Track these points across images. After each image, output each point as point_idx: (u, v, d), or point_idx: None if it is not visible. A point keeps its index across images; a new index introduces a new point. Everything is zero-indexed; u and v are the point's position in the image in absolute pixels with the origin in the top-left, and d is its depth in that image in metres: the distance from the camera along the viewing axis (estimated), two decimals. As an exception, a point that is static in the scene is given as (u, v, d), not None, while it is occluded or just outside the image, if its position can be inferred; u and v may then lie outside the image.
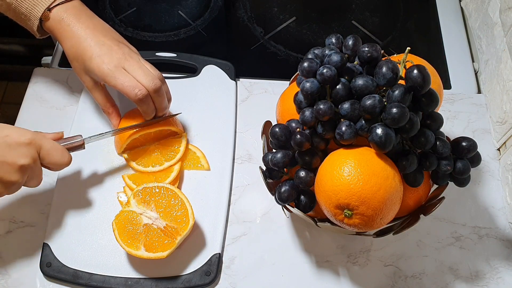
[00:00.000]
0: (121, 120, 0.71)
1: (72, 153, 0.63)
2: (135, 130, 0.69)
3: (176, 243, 0.61)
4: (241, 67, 0.82)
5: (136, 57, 0.68)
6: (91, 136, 0.66)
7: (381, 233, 0.60)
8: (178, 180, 0.70)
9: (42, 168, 0.61)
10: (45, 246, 0.64)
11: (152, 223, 0.62)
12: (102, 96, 0.69)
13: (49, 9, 0.66)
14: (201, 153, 0.72)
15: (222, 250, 0.66)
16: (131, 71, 0.65)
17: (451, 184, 0.60)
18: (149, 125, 0.69)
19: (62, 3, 0.67)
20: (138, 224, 0.62)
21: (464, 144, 0.58)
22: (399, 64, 0.55)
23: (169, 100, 0.70)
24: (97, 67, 0.64)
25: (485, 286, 0.65)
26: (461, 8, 0.93)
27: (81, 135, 0.65)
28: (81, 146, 0.65)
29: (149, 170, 0.69)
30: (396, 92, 0.52)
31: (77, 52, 0.66)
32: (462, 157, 0.58)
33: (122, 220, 0.62)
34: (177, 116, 0.73)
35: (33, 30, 0.68)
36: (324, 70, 0.53)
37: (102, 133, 0.67)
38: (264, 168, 0.61)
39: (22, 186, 0.58)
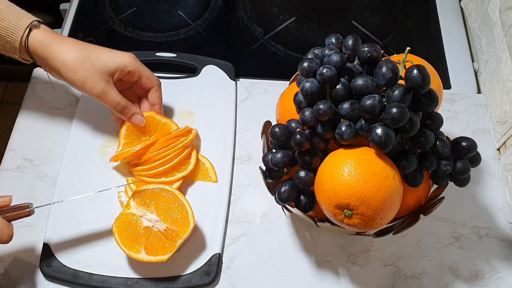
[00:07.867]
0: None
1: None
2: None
3: (177, 246, 0.61)
4: (241, 67, 0.82)
5: None
6: (39, 206, 0.61)
7: (381, 233, 0.60)
8: (180, 187, 0.69)
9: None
10: (45, 246, 0.64)
11: (152, 226, 0.62)
12: (117, 93, 0.67)
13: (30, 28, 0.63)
14: (210, 164, 0.71)
15: (222, 250, 0.66)
16: None
17: (451, 184, 0.60)
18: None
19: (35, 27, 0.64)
20: (139, 227, 0.62)
21: (464, 144, 0.58)
22: (399, 64, 0.55)
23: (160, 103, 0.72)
24: (115, 54, 0.66)
25: (485, 286, 0.65)
26: (461, 8, 0.93)
27: (30, 204, 0.60)
28: (29, 215, 0.59)
29: (161, 180, 0.68)
30: (396, 92, 0.52)
31: (86, 53, 0.64)
32: (462, 157, 0.58)
33: (122, 222, 0.62)
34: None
35: (16, 50, 0.64)
36: (324, 70, 0.53)
37: (57, 201, 0.65)
38: (264, 168, 0.61)
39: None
